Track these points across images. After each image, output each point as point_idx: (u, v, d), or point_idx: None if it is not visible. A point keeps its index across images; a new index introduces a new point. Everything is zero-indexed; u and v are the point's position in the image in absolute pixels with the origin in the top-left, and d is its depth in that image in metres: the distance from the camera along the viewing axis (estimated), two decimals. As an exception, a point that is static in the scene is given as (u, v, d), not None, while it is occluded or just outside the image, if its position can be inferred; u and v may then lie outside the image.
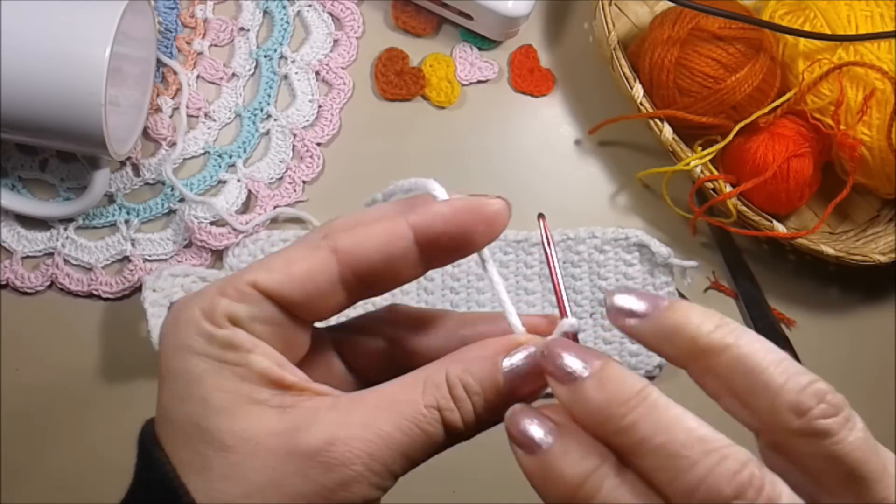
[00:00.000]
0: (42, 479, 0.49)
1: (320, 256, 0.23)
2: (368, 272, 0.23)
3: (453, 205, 0.23)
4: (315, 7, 0.54)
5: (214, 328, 0.22)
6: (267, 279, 0.23)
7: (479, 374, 0.23)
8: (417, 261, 0.24)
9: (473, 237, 0.24)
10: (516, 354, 0.23)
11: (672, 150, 0.50)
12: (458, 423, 0.23)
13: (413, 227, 0.23)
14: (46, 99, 0.42)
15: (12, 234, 0.50)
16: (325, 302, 0.23)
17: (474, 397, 0.23)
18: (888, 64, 0.49)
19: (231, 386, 0.22)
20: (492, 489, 0.51)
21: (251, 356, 0.22)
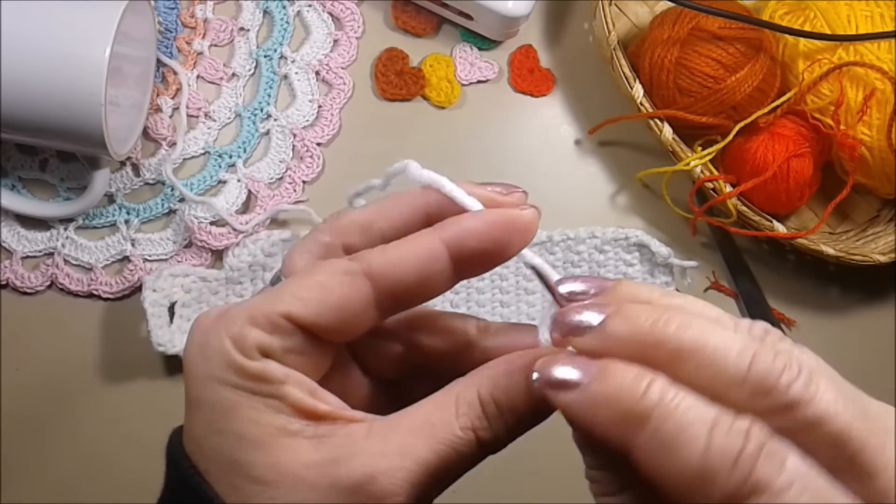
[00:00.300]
0: (42, 479, 0.49)
1: (355, 283, 0.23)
2: (404, 294, 0.23)
3: (486, 220, 0.23)
4: (315, 7, 0.54)
5: (246, 360, 0.22)
6: (302, 311, 0.22)
7: (510, 391, 0.23)
8: (451, 277, 0.23)
9: (507, 251, 0.24)
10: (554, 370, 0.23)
11: (672, 150, 0.50)
12: (492, 440, 0.23)
13: (447, 245, 0.23)
14: (46, 99, 0.42)
15: (12, 234, 0.50)
16: (359, 325, 0.23)
17: (507, 414, 0.23)
18: (888, 64, 0.49)
19: (265, 419, 0.22)
20: (492, 489, 0.51)
21: (284, 388, 0.22)
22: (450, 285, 0.24)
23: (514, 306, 0.51)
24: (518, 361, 0.23)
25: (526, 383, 0.23)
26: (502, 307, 0.51)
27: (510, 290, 0.51)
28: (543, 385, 0.21)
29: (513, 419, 0.23)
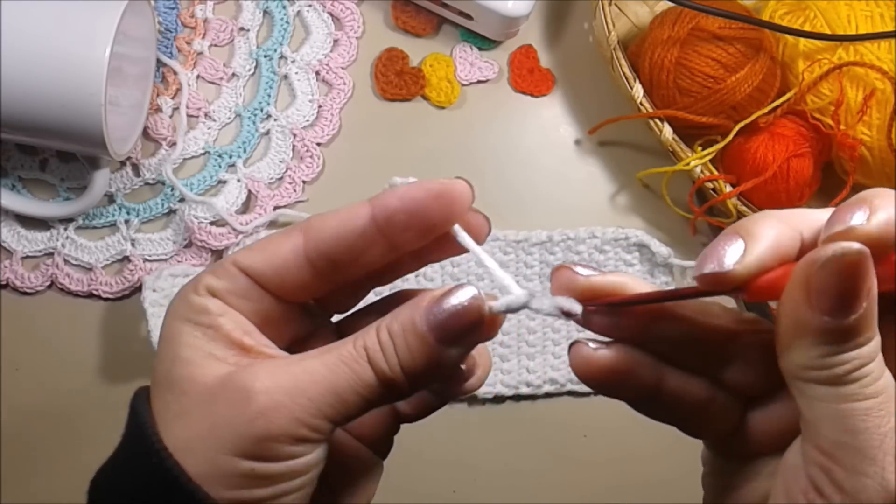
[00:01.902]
0: (42, 479, 0.49)
1: (291, 237, 0.25)
2: (330, 249, 0.25)
3: (412, 185, 0.24)
4: (315, 7, 0.54)
5: (195, 296, 0.25)
6: (244, 257, 0.25)
7: (401, 321, 0.24)
8: (378, 239, 0.24)
9: (429, 214, 0.24)
10: (440, 302, 0.23)
11: (672, 150, 0.50)
12: (382, 363, 0.23)
13: (372, 206, 0.24)
14: (46, 99, 0.42)
15: (12, 234, 0.50)
16: (294, 279, 0.25)
17: (396, 339, 0.23)
18: (888, 64, 0.49)
19: (199, 343, 0.24)
20: (492, 489, 0.51)
21: (220, 319, 0.25)
22: (382, 251, 0.25)
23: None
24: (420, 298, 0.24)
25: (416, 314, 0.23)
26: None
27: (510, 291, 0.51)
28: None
29: (402, 349, 0.23)
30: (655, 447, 0.52)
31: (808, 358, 0.21)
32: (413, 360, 0.23)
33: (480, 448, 0.52)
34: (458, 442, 0.51)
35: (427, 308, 0.23)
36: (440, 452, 0.51)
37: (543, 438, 0.52)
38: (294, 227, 0.25)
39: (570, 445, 0.52)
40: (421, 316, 0.23)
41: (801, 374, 0.21)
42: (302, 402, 0.22)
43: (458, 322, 0.23)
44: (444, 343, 0.23)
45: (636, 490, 0.52)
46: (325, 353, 0.24)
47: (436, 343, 0.23)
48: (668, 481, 0.52)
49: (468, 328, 0.23)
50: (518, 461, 0.52)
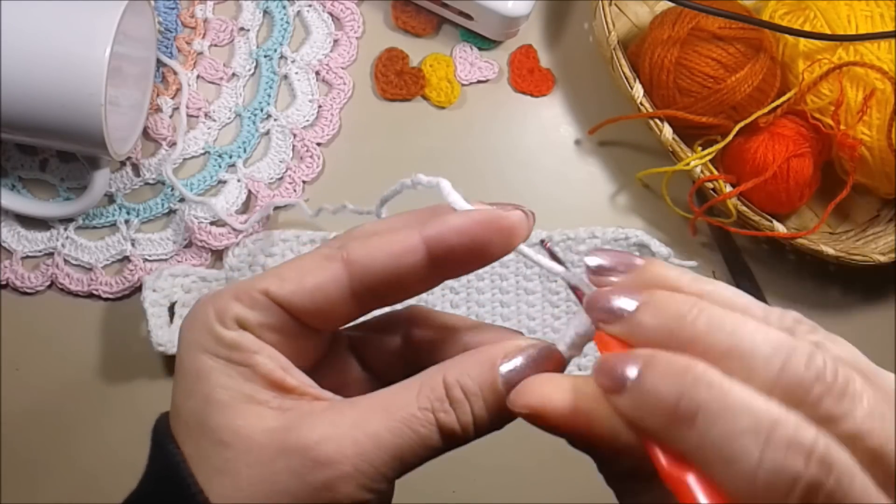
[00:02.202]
0: (42, 479, 0.49)
1: (332, 268, 0.23)
2: (378, 284, 0.23)
3: (469, 217, 0.23)
4: (315, 7, 0.54)
5: (223, 329, 0.23)
6: (278, 288, 0.23)
7: (477, 378, 0.23)
8: (429, 274, 0.23)
9: (489, 250, 0.23)
10: (515, 357, 0.23)
11: (672, 150, 0.50)
12: (454, 425, 0.22)
13: (425, 241, 0.23)
14: (46, 99, 0.42)
15: (12, 234, 0.50)
16: (334, 312, 0.24)
17: (472, 398, 0.22)
18: (888, 64, 0.49)
19: (234, 384, 0.23)
20: (492, 489, 0.51)
21: (256, 357, 0.23)
22: (428, 283, 0.24)
23: (513, 306, 0.51)
24: (489, 351, 0.23)
25: (493, 372, 0.23)
26: (502, 307, 0.51)
27: (510, 290, 0.51)
28: (603, 379, 0.20)
29: (478, 407, 0.23)
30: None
31: None
32: (489, 419, 0.23)
33: (480, 448, 0.52)
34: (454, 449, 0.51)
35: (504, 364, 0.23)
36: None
37: (543, 438, 0.52)
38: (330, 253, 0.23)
39: (572, 450, 0.52)
40: (500, 375, 0.22)
41: None
42: (367, 471, 0.22)
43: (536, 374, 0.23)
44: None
45: (636, 490, 0.52)
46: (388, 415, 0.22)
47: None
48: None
49: None
50: (518, 461, 0.52)
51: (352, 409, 0.23)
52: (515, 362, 0.23)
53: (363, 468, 0.22)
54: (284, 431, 0.22)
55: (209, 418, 0.22)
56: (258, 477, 0.22)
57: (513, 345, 0.23)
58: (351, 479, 0.22)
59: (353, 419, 0.22)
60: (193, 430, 0.23)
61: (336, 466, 0.21)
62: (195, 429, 0.23)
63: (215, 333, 0.23)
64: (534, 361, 0.23)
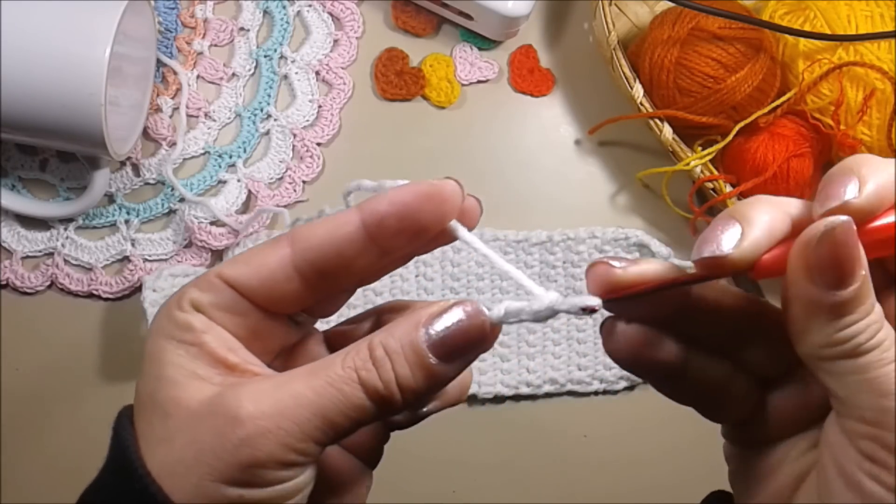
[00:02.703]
0: (42, 479, 0.49)
1: (278, 248, 0.25)
2: (319, 258, 0.24)
3: (401, 188, 0.24)
4: (315, 7, 0.54)
5: (179, 312, 0.24)
6: (229, 269, 0.25)
7: (399, 338, 0.23)
8: (368, 246, 0.24)
9: (420, 216, 0.24)
10: (440, 318, 0.23)
11: (672, 150, 0.50)
12: (375, 382, 0.22)
13: (360, 212, 0.24)
14: (46, 99, 0.42)
15: (12, 234, 0.50)
16: (282, 291, 0.25)
17: (393, 356, 0.23)
18: (888, 64, 0.49)
19: (182, 362, 0.24)
20: (492, 489, 0.51)
21: (204, 336, 0.24)
22: (373, 258, 0.24)
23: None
24: (417, 314, 0.23)
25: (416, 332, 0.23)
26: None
27: (510, 291, 0.51)
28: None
29: (400, 365, 0.23)
30: (655, 447, 0.52)
31: (825, 336, 0.22)
32: (411, 378, 0.23)
33: (480, 448, 0.52)
34: (458, 442, 0.51)
35: (426, 324, 0.23)
36: (440, 452, 0.51)
37: (543, 438, 0.52)
38: (281, 237, 0.25)
39: (570, 445, 0.52)
40: (421, 333, 0.23)
41: (822, 354, 0.22)
42: (288, 427, 0.22)
43: (460, 339, 0.23)
44: (444, 360, 0.23)
45: (636, 490, 0.52)
46: (311, 376, 0.23)
47: (436, 360, 0.23)
48: (667, 481, 0.52)
49: (470, 345, 0.23)
50: (518, 461, 0.52)
51: (280, 376, 0.23)
52: (438, 320, 0.23)
53: (284, 425, 0.22)
54: (213, 397, 0.23)
55: (158, 394, 0.24)
56: (188, 439, 0.23)
57: (438, 305, 0.23)
58: (270, 434, 0.22)
59: (277, 381, 0.23)
60: (146, 406, 0.24)
61: (254, 421, 0.22)
62: (147, 405, 0.24)
63: (171, 316, 0.24)
64: (459, 319, 0.23)
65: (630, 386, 0.52)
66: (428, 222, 0.24)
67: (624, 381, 0.51)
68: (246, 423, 0.22)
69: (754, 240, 0.22)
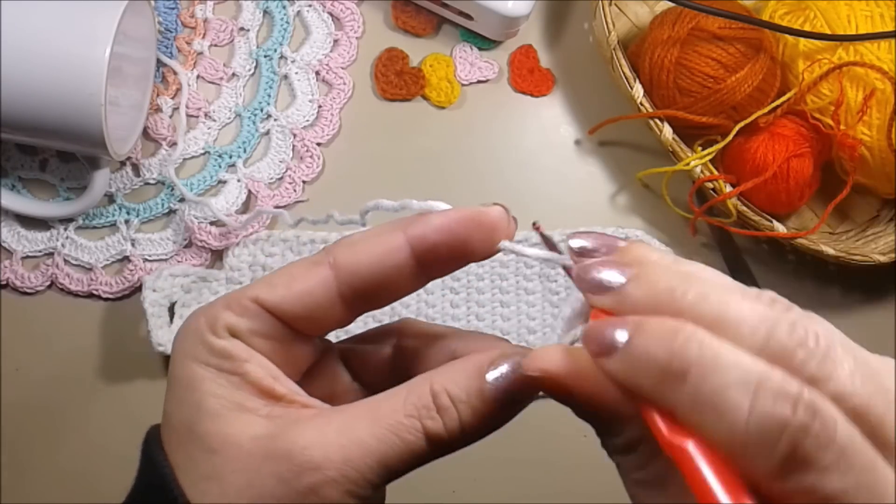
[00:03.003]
0: (42, 479, 0.49)
1: (320, 272, 0.24)
2: (365, 285, 0.24)
3: (449, 215, 0.24)
4: (315, 7, 0.54)
5: (214, 338, 0.23)
6: (268, 294, 0.24)
7: (464, 385, 0.23)
8: (415, 273, 0.24)
9: (470, 245, 0.24)
10: (501, 365, 0.23)
11: (672, 150, 0.50)
12: (440, 431, 0.23)
13: (409, 240, 0.24)
14: (46, 99, 0.42)
15: (12, 234, 0.50)
16: (324, 316, 0.24)
17: (459, 405, 0.23)
18: (888, 64, 0.49)
19: (224, 393, 0.23)
20: (492, 489, 0.51)
21: (246, 366, 0.23)
22: (416, 282, 0.24)
23: (514, 306, 0.51)
24: (475, 359, 0.23)
25: (480, 378, 0.23)
26: (502, 307, 0.51)
27: (510, 290, 0.51)
28: (593, 353, 0.20)
29: (466, 414, 0.23)
30: (655, 447, 0.52)
31: None
32: (475, 424, 0.23)
33: (480, 448, 0.52)
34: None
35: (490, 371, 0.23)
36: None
37: (543, 438, 0.52)
38: (318, 258, 0.24)
39: (570, 445, 0.52)
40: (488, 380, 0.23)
41: None
42: (353, 476, 0.22)
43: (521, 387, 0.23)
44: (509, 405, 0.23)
45: (636, 490, 0.52)
46: (374, 422, 0.22)
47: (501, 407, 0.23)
48: (668, 481, 0.52)
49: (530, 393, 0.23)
50: (518, 461, 0.52)
51: (339, 415, 0.23)
52: (501, 369, 0.23)
53: (349, 474, 0.22)
54: (271, 438, 0.22)
55: (199, 426, 0.23)
56: (244, 482, 0.22)
57: (498, 352, 0.23)
58: (336, 484, 0.22)
59: (340, 426, 0.22)
60: (183, 438, 0.23)
61: (322, 471, 0.21)
62: (185, 437, 0.23)
63: (206, 342, 0.23)
64: (519, 366, 0.23)
65: (630, 386, 0.52)
66: (477, 250, 0.24)
67: (624, 381, 0.51)
68: (313, 473, 0.21)
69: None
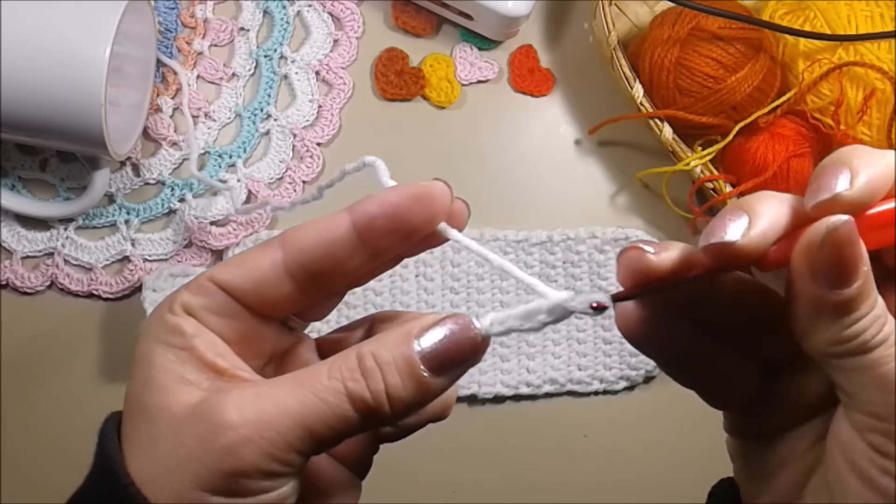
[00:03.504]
0: (42, 480, 0.49)
1: (269, 250, 0.25)
2: (310, 261, 0.24)
3: (390, 190, 0.24)
4: (315, 7, 0.54)
5: (170, 315, 0.24)
6: (221, 272, 0.25)
7: (391, 348, 0.23)
8: (358, 248, 0.24)
9: (410, 218, 0.24)
10: (433, 330, 0.23)
11: (672, 150, 0.50)
12: (364, 394, 0.22)
13: (350, 214, 0.24)
14: (46, 99, 0.42)
15: (12, 234, 0.50)
16: (274, 293, 0.24)
17: (385, 367, 0.22)
18: (888, 64, 0.49)
19: (171, 367, 0.24)
20: (492, 489, 0.51)
21: (195, 340, 0.24)
22: (364, 260, 0.24)
23: (514, 306, 0.51)
24: (409, 325, 0.23)
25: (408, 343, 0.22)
26: (502, 307, 0.51)
27: (510, 291, 0.51)
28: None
29: (392, 377, 0.22)
30: (655, 448, 0.52)
31: (832, 335, 0.22)
32: (402, 390, 0.22)
33: (480, 448, 0.52)
34: (458, 442, 0.51)
35: (418, 336, 0.23)
36: (440, 452, 0.51)
37: (543, 438, 0.52)
38: (271, 240, 0.25)
39: (570, 445, 0.52)
40: (413, 345, 0.22)
41: (830, 351, 0.22)
42: (270, 437, 0.22)
43: (452, 352, 0.23)
44: (436, 373, 0.22)
45: (636, 490, 0.52)
46: (296, 385, 0.22)
47: (428, 373, 0.22)
48: (667, 481, 0.52)
49: (462, 358, 0.23)
50: (518, 461, 0.52)
51: (266, 383, 0.23)
52: (431, 333, 0.23)
53: (267, 434, 0.22)
54: (198, 403, 0.23)
55: (144, 398, 0.23)
56: (171, 446, 0.22)
57: (429, 318, 0.23)
58: (253, 443, 0.22)
59: (262, 390, 0.23)
60: (134, 410, 0.24)
61: (237, 430, 0.21)
62: (135, 409, 0.24)
63: (163, 319, 0.24)
64: (450, 332, 0.23)
65: (630, 386, 0.52)
66: (417, 224, 0.24)
67: (624, 381, 0.51)
68: (228, 431, 0.21)
69: (761, 230, 0.22)
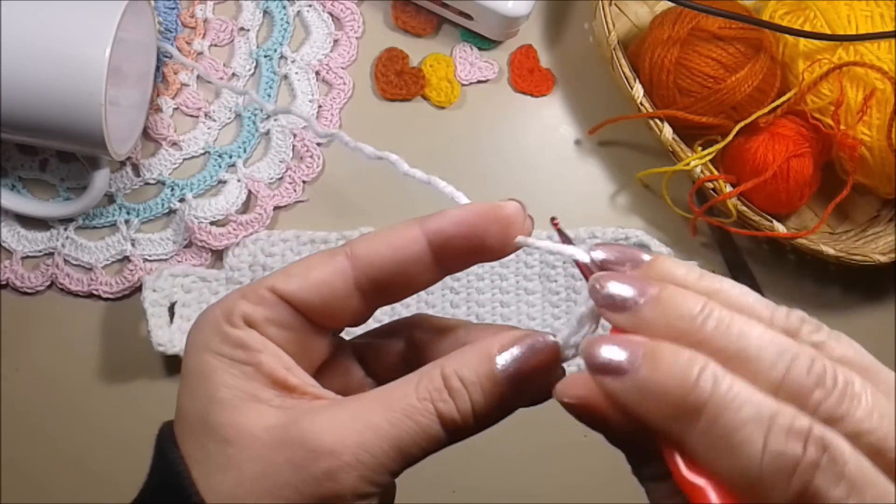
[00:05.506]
0: (42, 479, 0.49)
1: (337, 262, 0.24)
2: (382, 276, 0.24)
3: (465, 209, 0.24)
4: (315, 7, 0.54)
5: (230, 328, 0.23)
6: (285, 284, 0.24)
7: (474, 367, 0.23)
8: (431, 265, 0.24)
9: (486, 239, 0.24)
10: (511, 347, 0.23)
11: (672, 150, 0.50)
12: (453, 414, 0.23)
13: (425, 232, 0.24)
14: (46, 99, 0.42)
15: (12, 234, 0.50)
16: (340, 306, 0.24)
17: (471, 388, 0.23)
18: (888, 64, 0.49)
19: (238, 383, 0.23)
20: (492, 489, 0.51)
21: (260, 356, 0.23)
22: (433, 276, 0.24)
23: (513, 306, 0.51)
24: (488, 343, 0.23)
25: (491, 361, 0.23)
26: (502, 307, 0.51)
27: (510, 290, 0.51)
28: (590, 369, 0.20)
29: (477, 396, 0.23)
30: (655, 447, 0.52)
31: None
32: (487, 408, 0.23)
33: (480, 448, 0.52)
34: (458, 442, 0.51)
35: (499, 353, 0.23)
36: (440, 452, 0.51)
37: (543, 438, 0.52)
38: (336, 251, 0.24)
39: (570, 445, 0.52)
40: (498, 363, 0.23)
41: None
42: (368, 461, 0.22)
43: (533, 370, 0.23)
44: (516, 388, 0.23)
45: (636, 490, 0.52)
46: (386, 406, 0.22)
47: (512, 390, 0.23)
48: (668, 481, 0.52)
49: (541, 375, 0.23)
50: (518, 461, 0.52)
51: (352, 403, 0.23)
52: (511, 351, 0.23)
53: (364, 458, 0.22)
54: (284, 427, 0.22)
55: (212, 417, 0.23)
56: (259, 471, 0.22)
57: (508, 335, 0.23)
58: (352, 469, 0.22)
59: (353, 412, 0.22)
60: (197, 429, 0.23)
61: (337, 456, 0.21)
62: (198, 428, 0.23)
63: (222, 332, 0.23)
64: (529, 349, 0.23)
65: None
66: (493, 244, 0.24)
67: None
68: (327, 457, 0.21)
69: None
